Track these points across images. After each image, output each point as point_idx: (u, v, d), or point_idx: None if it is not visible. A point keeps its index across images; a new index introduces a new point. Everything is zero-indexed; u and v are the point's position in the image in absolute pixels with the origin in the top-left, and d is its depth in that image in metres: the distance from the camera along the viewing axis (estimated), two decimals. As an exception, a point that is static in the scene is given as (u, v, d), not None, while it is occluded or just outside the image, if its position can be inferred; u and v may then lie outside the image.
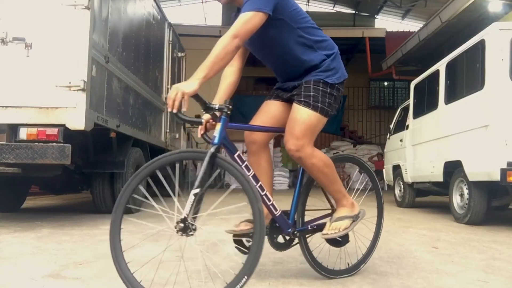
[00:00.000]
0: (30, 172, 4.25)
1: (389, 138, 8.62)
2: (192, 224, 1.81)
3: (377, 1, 17.14)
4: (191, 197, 1.81)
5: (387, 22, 18.73)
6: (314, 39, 2.22)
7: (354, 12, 18.91)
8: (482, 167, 4.69)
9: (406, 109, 7.93)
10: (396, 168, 7.88)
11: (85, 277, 2.34)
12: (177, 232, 1.81)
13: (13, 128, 4.03)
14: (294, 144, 2.13)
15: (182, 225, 1.79)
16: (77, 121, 3.98)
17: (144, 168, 1.89)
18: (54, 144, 3.94)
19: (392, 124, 8.58)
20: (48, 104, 4.00)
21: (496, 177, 4.43)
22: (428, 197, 7.67)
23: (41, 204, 6.97)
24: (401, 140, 7.64)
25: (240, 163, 2.01)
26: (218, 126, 1.95)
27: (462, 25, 10.69)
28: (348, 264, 2.49)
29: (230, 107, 1.95)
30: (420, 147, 6.74)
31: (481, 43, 4.86)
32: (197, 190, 1.82)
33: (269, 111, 2.36)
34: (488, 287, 2.32)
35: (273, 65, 2.33)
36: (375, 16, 18.99)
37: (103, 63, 4.44)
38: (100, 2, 4.35)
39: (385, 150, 9.02)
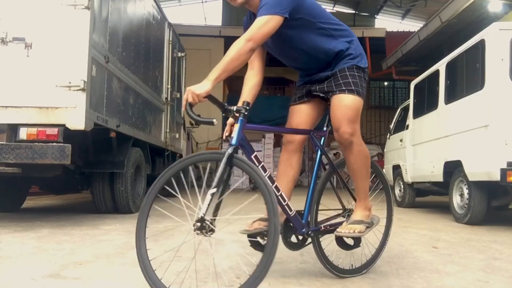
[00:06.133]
0: (30, 172, 4.24)
1: (389, 138, 8.62)
2: (209, 226, 1.80)
3: (377, 1, 17.14)
4: (208, 197, 1.81)
5: (387, 22, 18.76)
6: (333, 27, 2.27)
7: (354, 12, 18.91)
8: (482, 167, 4.69)
9: (406, 109, 7.92)
10: (396, 168, 7.87)
11: (85, 277, 2.34)
12: (195, 230, 1.80)
13: (13, 128, 4.03)
14: (350, 127, 2.18)
15: (199, 224, 1.79)
16: (77, 121, 3.98)
17: (168, 170, 1.90)
18: (54, 144, 3.94)
19: (392, 124, 8.58)
20: (48, 104, 4.00)
21: (496, 177, 4.44)
22: (428, 197, 7.67)
23: (41, 204, 6.97)
24: (401, 140, 7.64)
25: (257, 164, 2.03)
26: (236, 127, 1.97)
27: (462, 25, 10.70)
28: (353, 265, 2.50)
29: (248, 108, 1.98)
30: (420, 147, 6.73)
31: (481, 43, 4.86)
32: (214, 190, 1.82)
33: (300, 112, 2.39)
34: (488, 287, 2.32)
35: (298, 62, 2.36)
36: (375, 16, 19.01)
37: (103, 63, 4.43)
38: (100, 2, 4.35)
39: (385, 150, 9.02)
